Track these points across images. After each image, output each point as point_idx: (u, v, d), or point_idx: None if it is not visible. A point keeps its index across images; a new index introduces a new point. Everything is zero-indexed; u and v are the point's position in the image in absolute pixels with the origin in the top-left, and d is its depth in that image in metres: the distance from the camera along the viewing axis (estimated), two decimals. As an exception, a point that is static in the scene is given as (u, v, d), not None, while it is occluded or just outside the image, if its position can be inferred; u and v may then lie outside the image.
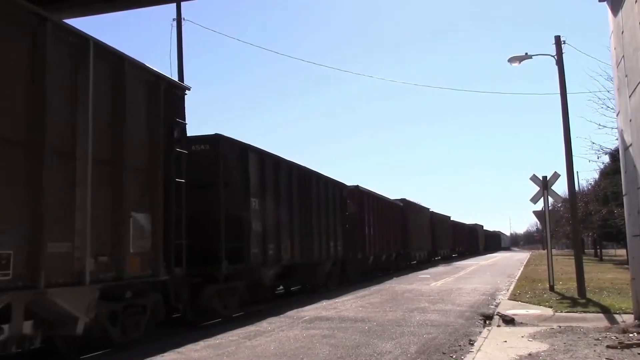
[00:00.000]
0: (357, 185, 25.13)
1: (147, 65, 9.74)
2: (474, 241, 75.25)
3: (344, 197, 22.24)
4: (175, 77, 18.86)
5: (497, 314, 11.60)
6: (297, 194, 16.88)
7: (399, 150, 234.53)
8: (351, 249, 22.72)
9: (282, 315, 12.84)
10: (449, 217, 56.24)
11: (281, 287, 18.66)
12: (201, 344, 9.33)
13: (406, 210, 34.48)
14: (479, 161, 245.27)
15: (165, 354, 8.46)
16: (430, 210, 45.12)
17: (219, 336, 10.05)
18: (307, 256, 17.52)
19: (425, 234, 41.12)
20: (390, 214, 30.48)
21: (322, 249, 18.95)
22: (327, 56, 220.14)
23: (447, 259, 51.38)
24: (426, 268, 35.85)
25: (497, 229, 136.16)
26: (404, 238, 33.28)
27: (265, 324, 11.53)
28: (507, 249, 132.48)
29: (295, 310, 13.77)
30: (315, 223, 18.40)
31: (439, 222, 48.48)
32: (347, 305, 14.93)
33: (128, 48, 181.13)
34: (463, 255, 63.53)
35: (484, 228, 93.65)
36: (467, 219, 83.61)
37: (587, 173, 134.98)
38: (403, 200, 34.89)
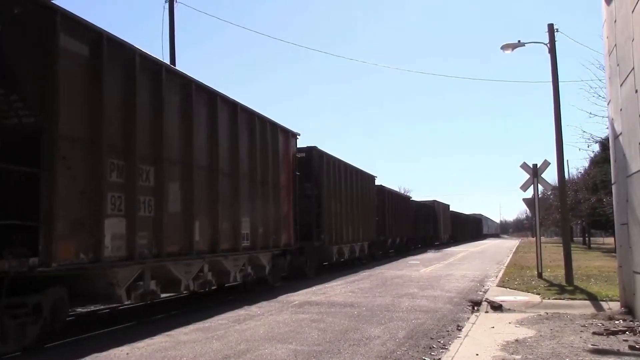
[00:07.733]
0: (381, 185, 31.97)
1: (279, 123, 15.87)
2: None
3: (374, 192, 29.53)
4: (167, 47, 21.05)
5: (485, 300, 11.69)
6: (350, 194, 23.87)
7: (391, 136, 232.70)
8: (376, 233, 29.23)
9: (272, 300, 12.90)
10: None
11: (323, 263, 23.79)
12: (191, 327, 9.37)
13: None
14: (469, 148, 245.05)
15: (155, 337, 8.48)
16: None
17: (209, 320, 10.10)
18: (355, 239, 24.88)
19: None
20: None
21: (362, 233, 26.04)
22: (314, 36, 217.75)
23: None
24: (414, 254, 36.01)
25: (482, 213, 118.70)
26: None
27: (255, 308, 11.59)
28: (495, 236, 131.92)
29: (285, 294, 13.84)
30: (362, 214, 25.73)
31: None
32: (337, 290, 15.01)
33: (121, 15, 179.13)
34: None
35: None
36: (459, 208, 68.17)
37: (578, 161, 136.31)
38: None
